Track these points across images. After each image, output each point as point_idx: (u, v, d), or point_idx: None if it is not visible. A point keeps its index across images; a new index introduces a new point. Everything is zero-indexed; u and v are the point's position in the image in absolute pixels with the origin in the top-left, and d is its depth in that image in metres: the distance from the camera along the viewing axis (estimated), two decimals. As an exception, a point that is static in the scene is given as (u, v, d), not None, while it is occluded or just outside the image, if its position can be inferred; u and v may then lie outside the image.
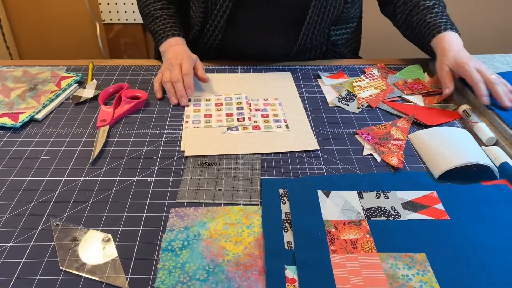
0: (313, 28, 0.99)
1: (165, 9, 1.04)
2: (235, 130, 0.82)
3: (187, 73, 0.90)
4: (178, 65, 0.91)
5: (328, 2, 0.96)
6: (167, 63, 0.94)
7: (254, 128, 0.82)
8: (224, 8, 0.97)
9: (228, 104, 0.89)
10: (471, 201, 0.66)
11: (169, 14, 1.03)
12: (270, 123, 0.84)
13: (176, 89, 0.89)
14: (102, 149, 0.76)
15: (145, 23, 1.07)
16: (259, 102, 0.90)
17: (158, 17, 1.02)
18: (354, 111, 0.88)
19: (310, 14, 0.96)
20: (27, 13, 1.81)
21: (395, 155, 0.74)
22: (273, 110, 0.87)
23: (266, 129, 0.82)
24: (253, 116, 0.85)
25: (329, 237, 0.59)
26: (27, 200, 0.65)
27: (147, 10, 1.05)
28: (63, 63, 1.04)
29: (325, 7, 0.97)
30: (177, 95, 0.89)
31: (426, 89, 0.94)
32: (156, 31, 1.02)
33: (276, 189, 0.67)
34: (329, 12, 0.98)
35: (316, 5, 0.96)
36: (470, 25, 2.00)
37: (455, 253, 0.57)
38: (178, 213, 0.63)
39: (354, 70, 1.03)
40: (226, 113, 0.86)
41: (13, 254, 0.57)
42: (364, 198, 0.66)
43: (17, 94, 0.89)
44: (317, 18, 0.98)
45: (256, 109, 0.88)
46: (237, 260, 0.56)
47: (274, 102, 0.90)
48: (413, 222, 0.62)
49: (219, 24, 1.00)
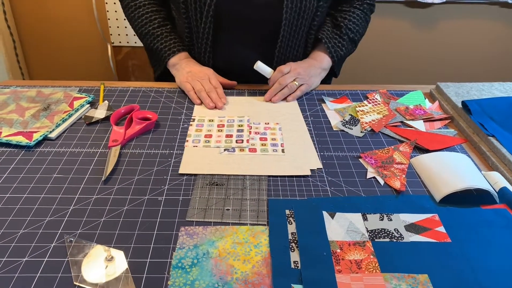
0: (287, 38, 1.06)
1: (163, 27, 1.09)
2: (232, 151, 0.84)
3: (218, 87, 1.02)
4: (207, 79, 1.03)
5: (300, 15, 1.02)
6: (195, 76, 1.03)
7: (251, 151, 0.84)
8: (206, 31, 1.04)
9: (229, 125, 0.92)
10: (472, 224, 0.68)
11: (168, 30, 1.10)
12: (267, 146, 0.86)
13: (212, 97, 1.00)
14: (114, 168, 0.78)
15: (145, 42, 1.12)
16: (260, 125, 0.93)
17: (159, 35, 1.08)
18: (358, 135, 0.90)
19: (283, 27, 1.03)
20: (39, 35, 1.86)
21: (398, 179, 0.77)
22: (272, 134, 0.90)
23: (262, 152, 0.84)
24: (252, 139, 0.88)
25: (334, 257, 0.61)
26: (41, 217, 0.67)
27: (145, 30, 1.09)
28: (76, 84, 1.08)
29: (297, 20, 1.03)
30: (213, 101, 0.99)
31: (427, 115, 0.96)
32: (161, 48, 1.08)
33: (283, 210, 0.70)
34: (302, 20, 1.03)
35: (288, 18, 1.01)
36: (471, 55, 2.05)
37: (456, 275, 0.59)
38: (188, 231, 0.65)
39: (357, 95, 1.06)
40: (226, 134, 0.89)
41: (28, 269, 0.59)
42: (368, 220, 0.68)
43: (31, 114, 0.92)
44: (290, 31, 1.04)
45: (256, 132, 0.90)
46: (245, 278, 0.58)
47: (274, 127, 0.92)
48: (415, 244, 0.64)
49: (207, 46, 1.07)
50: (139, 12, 1.09)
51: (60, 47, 1.89)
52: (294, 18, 1.02)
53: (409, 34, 1.99)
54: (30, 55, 1.91)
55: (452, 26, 1.98)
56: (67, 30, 1.85)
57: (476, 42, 2.03)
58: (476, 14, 1.95)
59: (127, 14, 1.14)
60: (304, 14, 1.02)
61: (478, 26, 1.99)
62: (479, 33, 2.01)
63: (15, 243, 0.63)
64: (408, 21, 1.96)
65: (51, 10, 1.80)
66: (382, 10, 1.89)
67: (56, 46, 1.89)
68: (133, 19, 1.12)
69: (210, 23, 1.02)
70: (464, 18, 1.96)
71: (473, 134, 0.89)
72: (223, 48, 1.08)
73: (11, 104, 0.95)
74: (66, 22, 1.83)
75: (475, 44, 2.04)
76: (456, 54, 2.07)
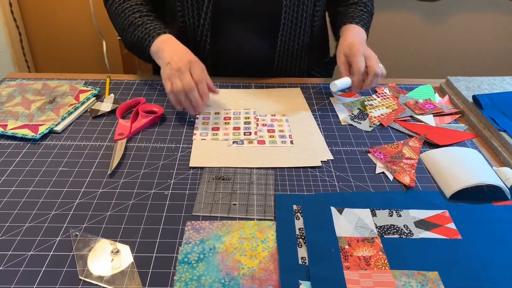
0: (290, 28, 1.02)
1: (145, 16, 0.96)
2: (241, 143, 0.83)
3: (200, 81, 0.85)
4: (187, 70, 0.85)
5: (300, 7, 0.99)
6: (173, 68, 0.85)
7: (259, 143, 0.84)
8: (206, 27, 0.99)
9: (236, 118, 0.91)
10: (483, 221, 0.67)
11: (151, 19, 0.96)
12: (276, 138, 0.85)
13: (191, 99, 0.84)
14: (119, 162, 0.77)
15: (127, 35, 0.98)
16: (267, 117, 0.92)
17: (140, 24, 0.95)
18: (366, 129, 0.89)
19: (283, 21, 0.99)
20: (45, 27, 1.86)
21: (407, 174, 0.75)
22: (279, 126, 0.89)
23: (271, 144, 0.83)
24: (259, 131, 0.87)
25: (342, 253, 0.60)
26: (46, 210, 0.67)
27: (127, 21, 0.96)
28: (81, 76, 1.07)
29: (297, 12, 1.00)
30: (192, 104, 0.85)
31: (437, 109, 0.95)
32: (141, 37, 0.93)
33: (290, 205, 0.69)
34: (303, 12, 1.01)
35: (287, 11, 0.98)
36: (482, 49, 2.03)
37: (467, 272, 0.58)
38: (194, 226, 0.65)
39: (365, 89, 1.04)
40: (234, 126, 0.88)
41: (33, 263, 0.58)
42: (377, 215, 0.67)
43: (37, 107, 0.92)
44: (291, 24, 1.01)
45: (263, 124, 0.89)
46: (252, 274, 0.57)
47: (281, 119, 0.91)
48: (425, 240, 0.63)
49: (206, 43, 1.02)
50: (122, 6, 0.99)
51: (66, 39, 1.89)
52: (295, 5, 0.99)
53: (419, 27, 1.97)
54: (36, 47, 1.91)
55: (462, 19, 1.96)
56: (73, 22, 1.84)
57: (487, 35, 2.00)
58: (487, 6, 1.92)
59: (110, 12, 1.03)
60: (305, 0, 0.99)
61: (489, 19, 1.96)
62: (490, 26, 1.98)
63: (21, 236, 0.62)
64: (418, 14, 1.93)
65: (56, 2, 1.79)
66: (392, 3, 1.87)
67: (61, 38, 1.88)
68: (115, 16, 1.00)
69: (209, 19, 0.98)
70: (475, 11, 1.93)
71: (484, 129, 0.87)
72: (223, 43, 1.05)
73: (17, 96, 0.95)
74: (72, 14, 1.82)
75: (486, 37, 2.01)
76: (467, 47, 2.04)
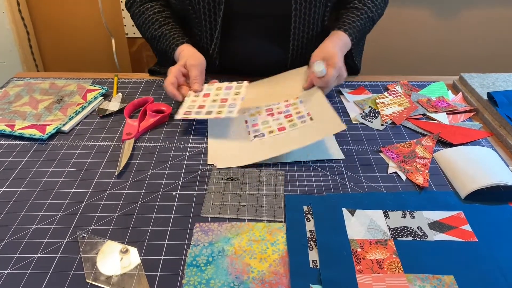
0: (301, 32, 1.00)
1: (164, 26, 1.01)
2: (262, 136, 0.82)
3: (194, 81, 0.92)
4: (180, 72, 0.92)
5: (311, 10, 0.97)
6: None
7: (280, 130, 0.82)
8: (217, 30, 0.99)
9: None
10: (500, 223, 0.65)
11: (168, 28, 1.00)
12: (295, 121, 0.84)
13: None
14: (127, 162, 0.76)
15: (153, 47, 1.08)
16: (280, 105, 0.90)
17: (160, 36, 1.00)
18: (378, 128, 0.87)
19: (293, 24, 0.98)
20: (53, 26, 1.86)
21: (421, 174, 0.73)
22: (295, 109, 0.87)
23: (291, 128, 0.82)
24: (277, 119, 0.86)
25: (355, 256, 0.59)
26: (54, 212, 0.66)
27: (149, 34, 1.02)
28: (89, 76, 1.06)
29: (308, 15, 0.98)
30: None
31: (450, 107, 0.93)
32: (164, 49, 1.00)
33: (300, 206, 0.67)
34: (315, 15, 0.98)
35: (297, 14, 0.96)
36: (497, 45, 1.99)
37: (484, 277, 0.56)
38: (203, 228, 0.63)
39: (377, 87, 1.02)
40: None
41: (40, 266, 0.58)
42: (390, 217, 0.65)
43: (44, 106, 0.91)
44: (303, 27, 0.99)
45: (279, 112, 0.88)
46: (262, 278, 0.56)
47: (295, 101, 0.90)
48: (440, 243, 0.61)
49: (215, 46, 1.01)
50: (143, 17, 1.03)
51: (74, 38, 1.88)
52: (306, 8, 0.97)
53: (431, 22, 1.93)
54: (44, 46, 1.91)
55: (476, 14, 1.92)
56: (81, 20, 1.84)
57: (502, 30, 1.96)
58: (501, 1, 1.88)
59: (136, 23, 1.07)
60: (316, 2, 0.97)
61: (504, 14, 1.92)
62: (505, 21, 1.93)
63: (28, 238, 0.61)
64: (431, 9, 1.90)
65: (64, 0, 1.79)
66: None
67: (70, 37, 1.88)
68: (139, 27, 1.06)
69: (221, 21, 0.97)
70: (489, 6, 1.89)
71: (499, 127, 0.85)
72: (233, 47, 1.03)
73: (24, 96, 0.94)
74: (80, 12, 1.82)
75: (501, 32, 1.96)
76: (481, 43, 2.00)
